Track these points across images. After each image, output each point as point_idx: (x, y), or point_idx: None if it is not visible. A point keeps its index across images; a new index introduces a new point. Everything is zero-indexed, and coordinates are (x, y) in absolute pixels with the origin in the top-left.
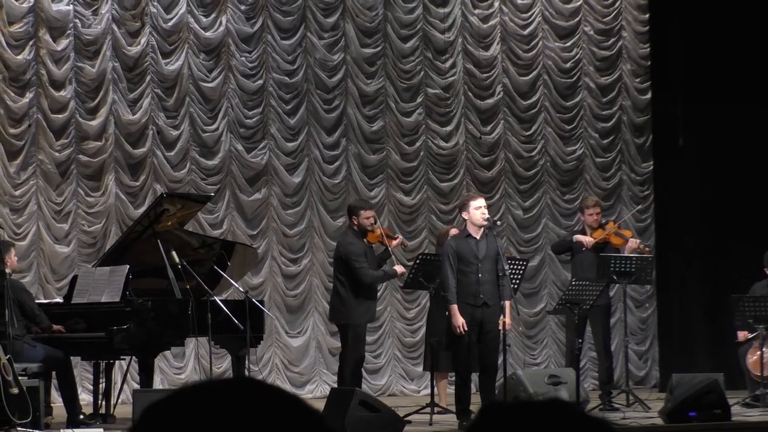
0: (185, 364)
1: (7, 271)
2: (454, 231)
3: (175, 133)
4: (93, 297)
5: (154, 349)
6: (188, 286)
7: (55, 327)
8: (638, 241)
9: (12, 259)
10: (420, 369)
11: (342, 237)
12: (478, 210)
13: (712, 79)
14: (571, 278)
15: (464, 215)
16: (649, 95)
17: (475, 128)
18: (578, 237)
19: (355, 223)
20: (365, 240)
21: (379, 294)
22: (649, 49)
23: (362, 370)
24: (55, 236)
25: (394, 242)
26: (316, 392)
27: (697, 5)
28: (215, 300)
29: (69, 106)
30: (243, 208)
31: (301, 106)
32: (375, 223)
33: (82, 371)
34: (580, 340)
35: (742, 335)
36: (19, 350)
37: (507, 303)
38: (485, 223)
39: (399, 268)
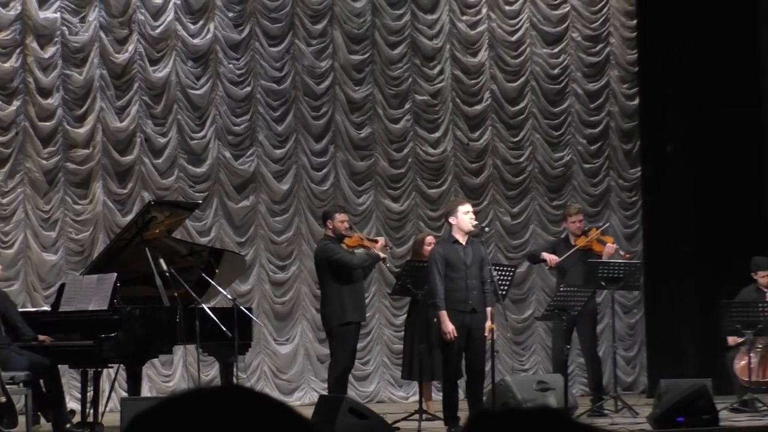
0: (173, 372)
1: None
2: (430, 239)
3: (162, 140)
4: (81, 305)
5: (142, 357)
6: (176, 294)
7: (41, 337)
8: (615, 246)
9: None
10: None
11: (318, 243)
12: (466, 215)
13: (701, 84)
14: (558, 284)
15: (451, 220)
16: (636, 101)
17: (463, 135)
18: (545, 255)
19: (330, 227)
20: (343, 245)
21: (366, 300)
22: (636, 55)
23: (349, 376)
24: (43, 244)
25: (378, 245)
26: (304, 399)
27: (685, 11)
28: (203, 307)
29: (56, 114)
30: (231, 215)
31: (289, 113)
32: (350, 228)
33: (69, 379)
34: (568, 346)
35: (732, 340)
36: (5, 358)
37: (488, 309)
38: (473, 228)
39: (380, 253)
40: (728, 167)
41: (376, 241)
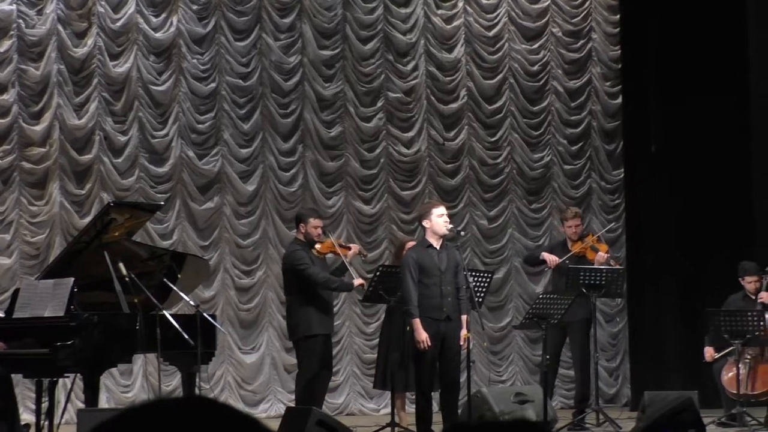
0: (133, 382)
1: None
2: (411, 243)
3: (123, 138)
4: (36, 311)
5: (101, 366)
6: (136, 300)
7: None
8: (607, 255)
9: None
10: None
11: (287, 248)
12: (440, 218)
13: (686, 82)
14: (557, 286)
15: (425, 223)
16: (619, 99)
17: (438, 134)
18: (545, 255)
19: (302, 231)
20: (314, 251)
21: (336, 308)
22: (619, 52)
23: (326, 387)
24: None
25: (350, 252)
26: (270, 411)
27: (669, 5)
28: (165, 314)
29: (11, 111)
30: (194, 217)
31: (256, 110)
32: (324, 234)
33: (23, 389)
34: (548, 356)
35: (708, 354)
36: None
37: (464, 317)
38: (448, 232)
39: (357, 281)
40: (715, 169)
41: (350, 248)
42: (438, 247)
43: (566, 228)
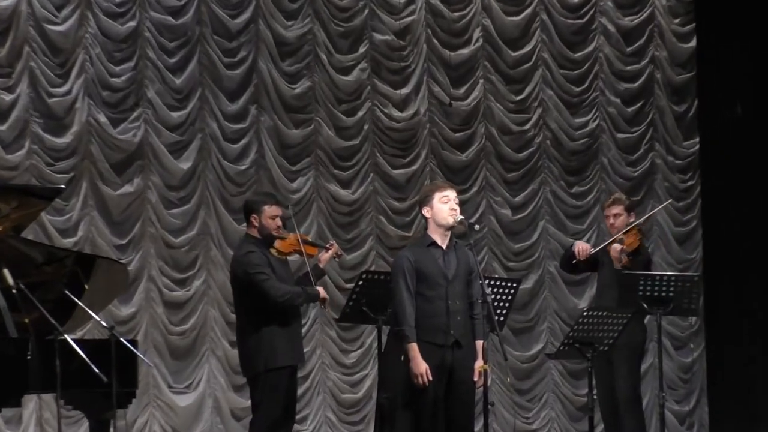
0: None
1: None
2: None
3: (7, 98)
4: None
5: None
6: (27, 320)
7: None
8: (619, 247)
9: None
10: None
11: (237, 248)
12: (445, 204)
13: None
14: (592, 303)
15: (425, 212)
16: (693, 43)
17: (442, 91)
18: (577, 244)
19: (255, 225)
20: (273, 251)
21: (304, 330)
22: None
23: None
24: None
25: (326, 255)
26: None
27: None
28: (67, 339)
29: None
30: (107, 206)
31: (192, 59)
32: (285, 226)
33: None
34: (595, 396)
35: None
36: None
37: (479, 343)
38: (456, 224)
39: (321, 290)
40: None
41: (325, 248)
42: (444, 246)
43: (606, 220)
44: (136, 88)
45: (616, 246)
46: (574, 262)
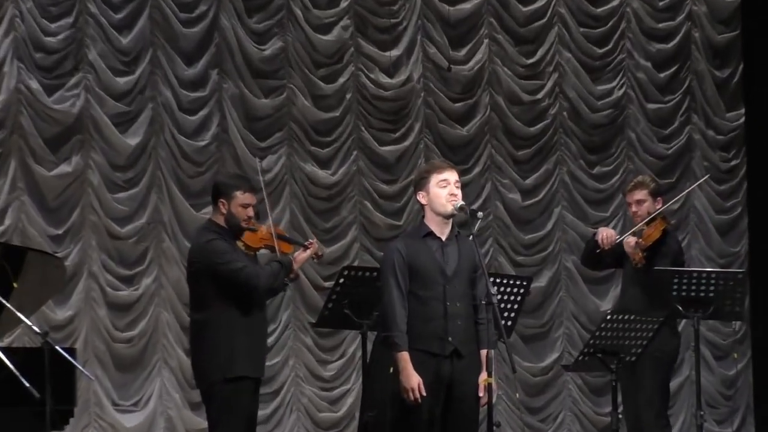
0: None
1: None
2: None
3: None
4: None
5: None
6: None
7: None
8: (634, 239)
9: None
10: None
11: (196, 236)
12: (444, 188)
13: None
14: (616, 305)
15: (421, 198)
16: None
17: (439, 53)
18: (601, 230)
19: (223, 211)
20: (240, 243)
21: (271, 336)
22: None
23: None
24: None
25: (304, 254)
26: None
27: None
28: None
29: None
30: (40, 189)
31: (141, 14)
32: (257, 216)
33: None
34: (620, 414)
35: None
36: None
37: (484, 353)
38: (456, 212)
39: (302, 261)
40: None
41: (300, 246)
42: (443, 238)
43: (629, 207)
44: (75, 49)
45: (629, 240)
46: (597, 251)
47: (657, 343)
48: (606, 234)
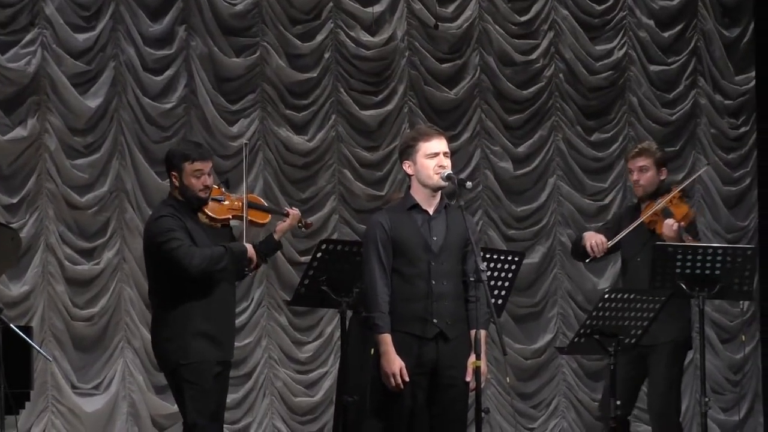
0: None
1: None
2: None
3: None
4: None
5: None
6: None
7: None
8: (678, 223)
9: None
10: None
11: (153, 212)
12: (432, 159)
13: None
14: (612, 286)
15: (407, 167)
16: None
17: (425, 8)
18: (587, 236)
19: (176, 183)
20: (202, 216)
21: (242, 316)
22: None
23: None
24: None
25: (283, 224)
26: None
27: None
28: None
29: None
30: None
31: None
32: (226, 184)
33: None
34: (618, 402)
35: None
36: None
37: (482, 334)
38: (444, 182)
39: (248, 247)
40: None
41: (279, 215)
42: (431, 210)
43: (629, 175)
44: (31, 3)
45: (670, 223)
46: (588, 261)
47: (671, 330)
48: (595, 241)
